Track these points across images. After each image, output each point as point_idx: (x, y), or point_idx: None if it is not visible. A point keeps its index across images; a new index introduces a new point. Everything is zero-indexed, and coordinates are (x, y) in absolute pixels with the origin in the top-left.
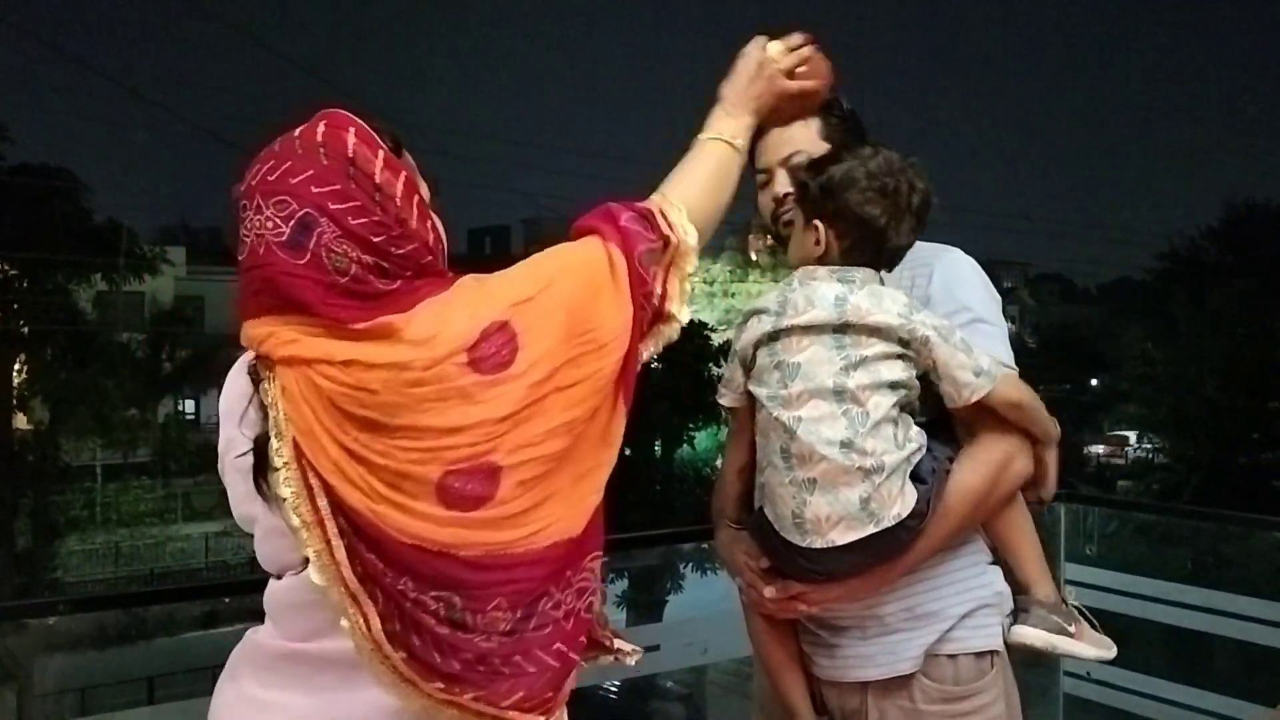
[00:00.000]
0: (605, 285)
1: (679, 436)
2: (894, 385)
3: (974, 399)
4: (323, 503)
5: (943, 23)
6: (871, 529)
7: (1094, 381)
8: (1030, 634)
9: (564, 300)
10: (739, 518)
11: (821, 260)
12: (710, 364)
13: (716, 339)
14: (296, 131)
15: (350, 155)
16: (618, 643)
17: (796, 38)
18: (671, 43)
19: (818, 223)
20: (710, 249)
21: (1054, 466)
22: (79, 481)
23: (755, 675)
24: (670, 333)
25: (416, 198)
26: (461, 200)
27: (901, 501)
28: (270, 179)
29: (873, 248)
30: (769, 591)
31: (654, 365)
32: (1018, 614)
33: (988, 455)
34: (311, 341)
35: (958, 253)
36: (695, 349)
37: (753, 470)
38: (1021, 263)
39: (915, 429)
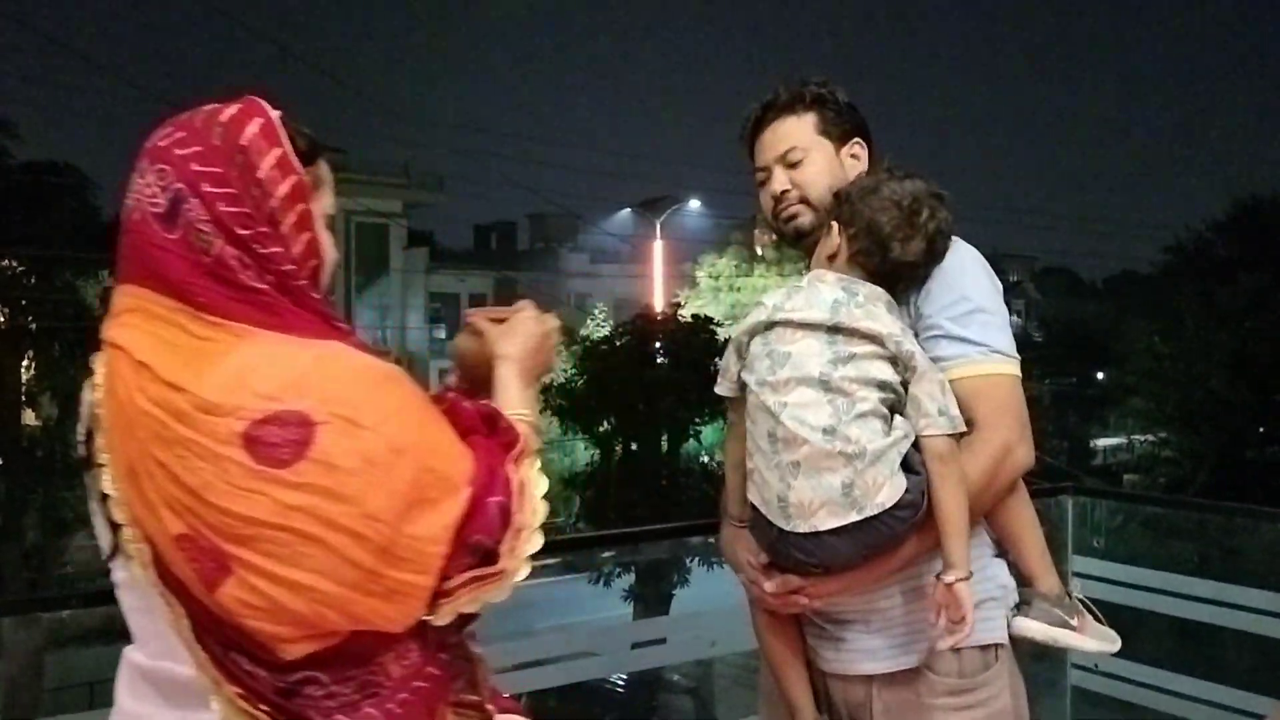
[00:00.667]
0: (444, 509)
1: (685, 430)
2: (881, 384)
3: (926, 433)
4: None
5: (950, 16)
6: (855, 516)
7: (1100, 375)
8: (1032, 626)
9: (387, 463)
10: (740, 514)
11: (832, 262)
12: (716, 359)
13: (723, 334)
14: (210, 107)
15: (243, 143)
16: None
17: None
18: (677, 40)
19: (834, 224)
20: (715, 244)
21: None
22: None
23: (760, 669)
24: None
25: (301, 206)
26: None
27: (887, 490)
28: (161, 145)
29: (876, 256)
30: (769, 586)
31: (659, 360)
32: (1020, 606)
33: (985, 446)
34: (135, 330)
35: (959, 242)
36: (701, 343)
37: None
38: (1027, 256)
39: (902, 420)
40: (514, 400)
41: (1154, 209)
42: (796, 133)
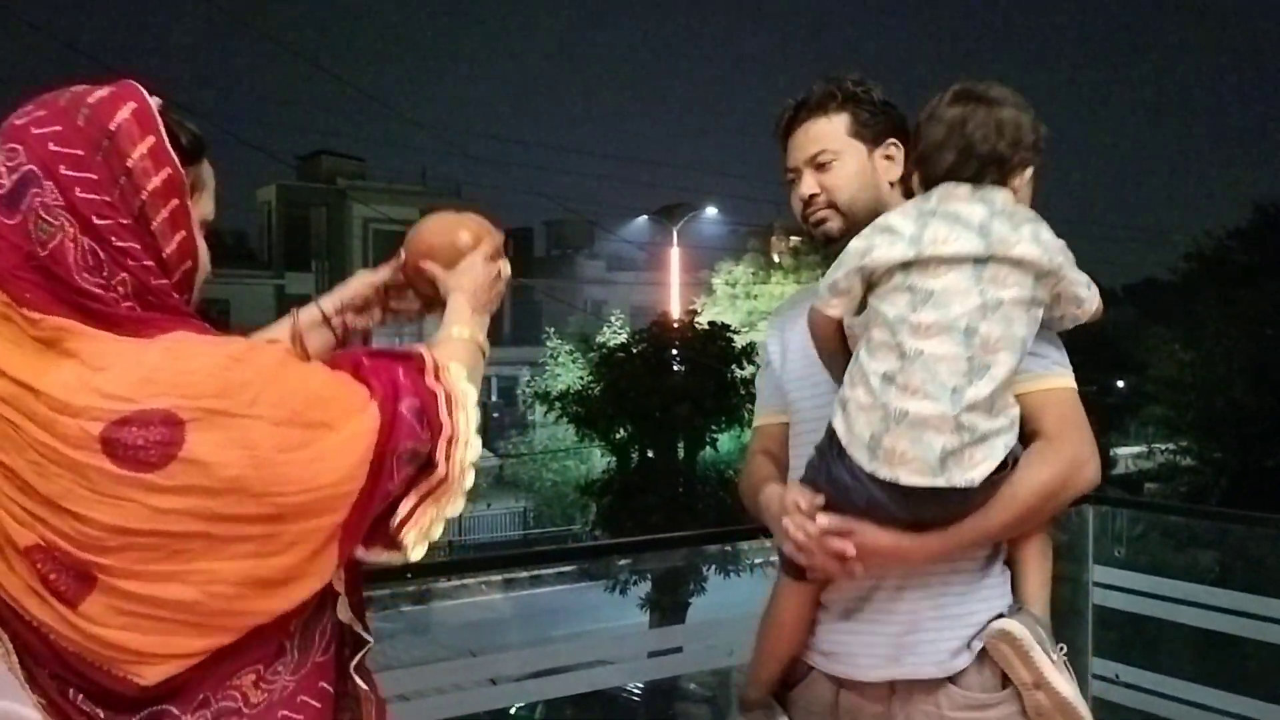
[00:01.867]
0: (327, 452)
1: (701, 438)
2: (1021, 343)
3: (1091, 309)
4: None
5: (970, 19)
6: (939, 482)
7: (1120, 383)
8: (1014, 626)
9: (266, 441)
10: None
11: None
12: (733, 366)
13: (740, 341)
14: (79, 87)
15: (112, 128)
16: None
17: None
18: (695, 48)
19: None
20: (732, 251)
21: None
22: None
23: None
24: (391, 559)
25: (175, 202)
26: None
27: (980, 469)
28: (18, 123)
29: (919, 159)
30: (822, 519)
31: (676, 367)
32: (1009, 611)
33: (1056, 455)
34: None
35: None
36: (718, 351)
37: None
38: None
39: (1015, 407)
40: (464, 319)
41: (1175, 215)
42: (827, 135)
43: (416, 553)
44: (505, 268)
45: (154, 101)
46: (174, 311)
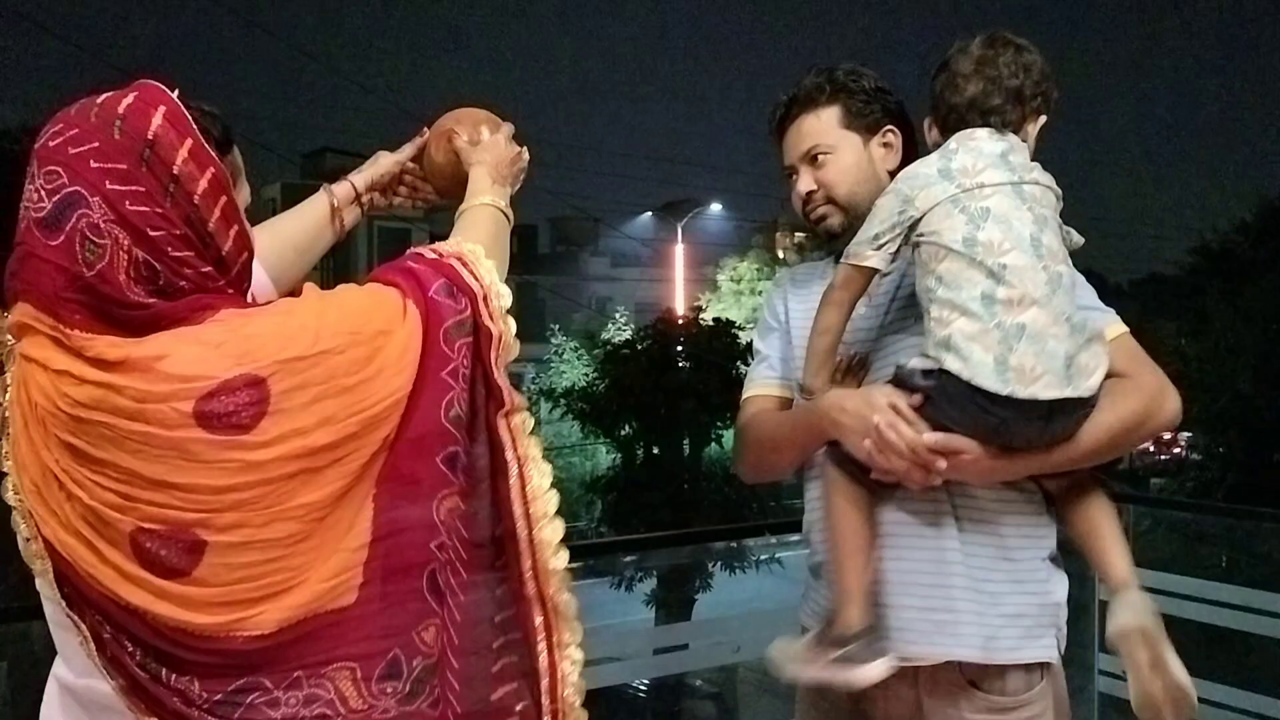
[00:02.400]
0: (390, 359)
1: (706, 435)
2: (1068, 257)
3: (1076, 242)
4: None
5: (974, 14)
6: (1070, 392)
7: None
8: (1147, 619)
9: (340, 369)
10: (819, 386)
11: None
12: (738, 362)
13: (744, 337)
14: (100, 98)
15: (150, 136)
16: None
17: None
18: (699, 43)
19: (927, 120)
20: (737, 247)
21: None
22: None
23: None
24: (521, 423)
25: (224, 199)
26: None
27: (1096, 376)
28: (51, 145)
29: (944, 111)
30: (930, 437)
31: (681, 364)
32: (1117, 605)
33: (1138, 387)
34: (43, 346)
35: None
36: (723, 347)
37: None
38: None
39: (1091, 317)
40: (485, 189)
41: (1180, 210)
42: (819, 129)
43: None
44: (525, 153)
45: (176, 99)
46: (217, 293)
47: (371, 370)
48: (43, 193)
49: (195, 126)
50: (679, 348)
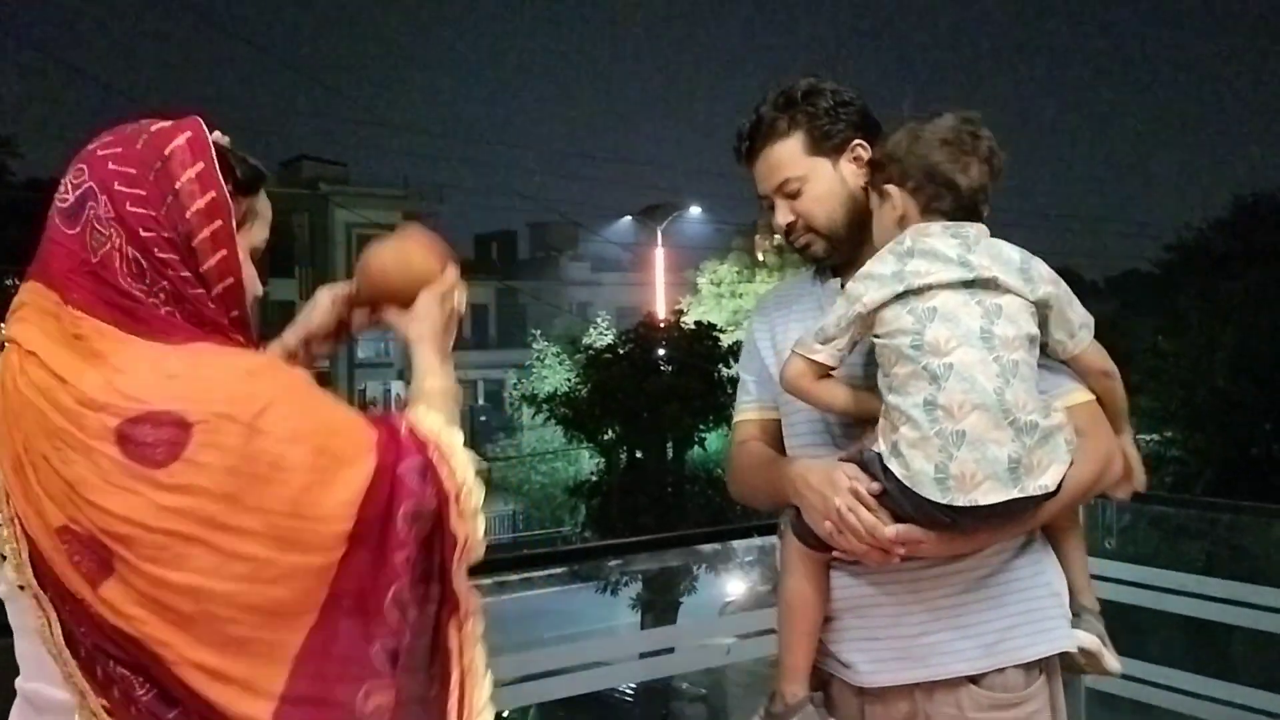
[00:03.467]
0: (335, 489)
1: (689, 438)
2: (1031, 340)
3: (1084, 345)
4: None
5: (951, 15)
6: (1014, 493)
7: None
8: (1085, 638)
9: (268, 457)
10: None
11: (902, 225)
12: (720, 365)
13: (726, 340)
14: (146, 120)
15: (166, 152)
16: None
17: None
18: (677, 46)
19: (890, 188)
20: (717, 250)
21: (1134, 453)
22: None
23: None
24: (471, 630)
25: (219, 224)
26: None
27: (1051, 473)
28: (89, 148)
29: (948, 197)
30: (890, 530)
31: (664, 367)
32: (1073, 618)
33: (1098, 449)
34: (26, 324)
35: None
36: (705, 350)
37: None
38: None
39: (1058, 406)
40: (434, 368)
41: (1155, 207)
42: (787, 161)
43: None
44: (461, 299)
45: (212, 134)
46: (209, 324)
47: (297, 479)
48: (68, 186)
49: (215, 156)
50: (661, 351)
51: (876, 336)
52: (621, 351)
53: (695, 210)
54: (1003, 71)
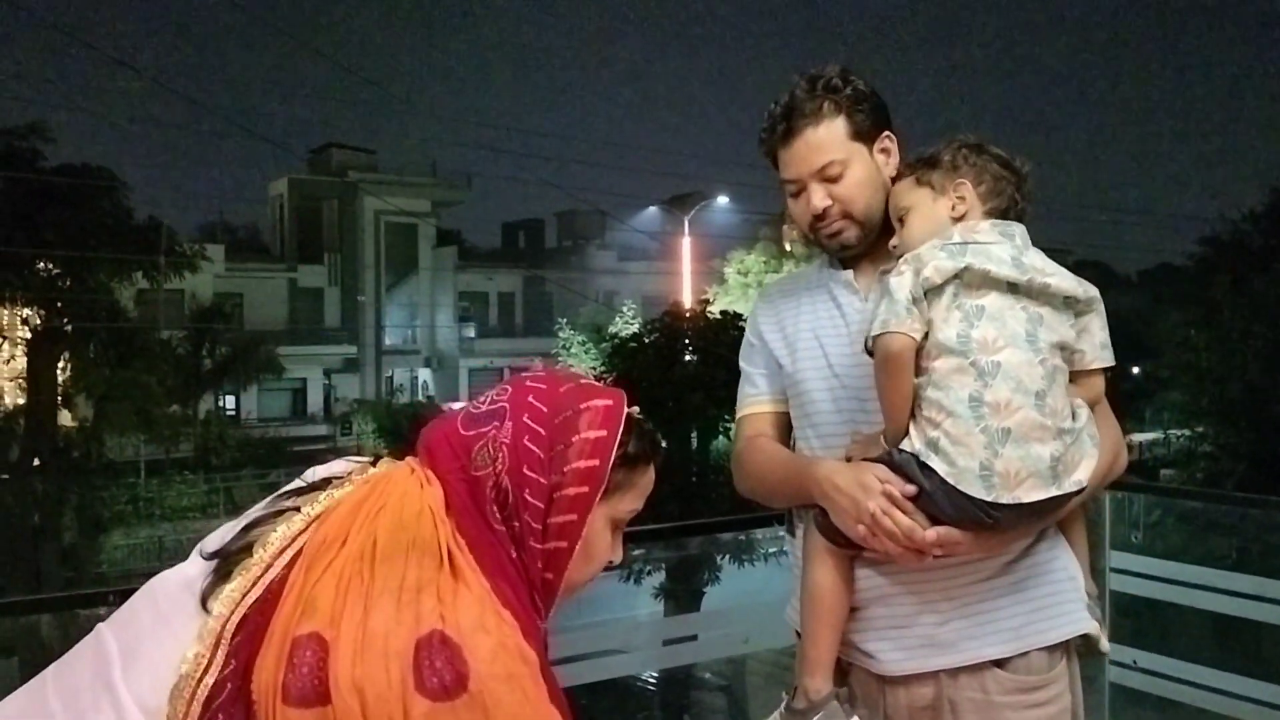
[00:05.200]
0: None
1: (714, 427)
2: (1064, 347)
3: (1106, 363)
4: None
5: (982, 8)
6: (1054, 491)
7: (1135, 369)
8: (1091, 625)
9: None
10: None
11: (960, 221)
12: None
13: None
14: (584, 387)
15: (581, 407)
16: None
17: None
18: (706, 35)
19: (964, 183)
20: (744, 240)
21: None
22: (122, 477)
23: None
24: None
25: (585, 489)
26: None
27: (1084, 468)
28: (524, 377)
29: (1009, 200)
30: (930, 534)
31: (688, 357)
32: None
33: (1108, 438)
34: (401, 480)
35: None
36: (731, 340)
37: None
38: (1061, 249)
39: (1083, 405)
40: None
41: (1189, 200)
42: (830, 144)
43: None
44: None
45: (631, 412)
46: (523, 578)
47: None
48: (489, 398)
49: (622, 432)
50: (686, 341)
51: (918, 307)
52: (647, 340)
53: (723, 200)
54: (1034, 62)
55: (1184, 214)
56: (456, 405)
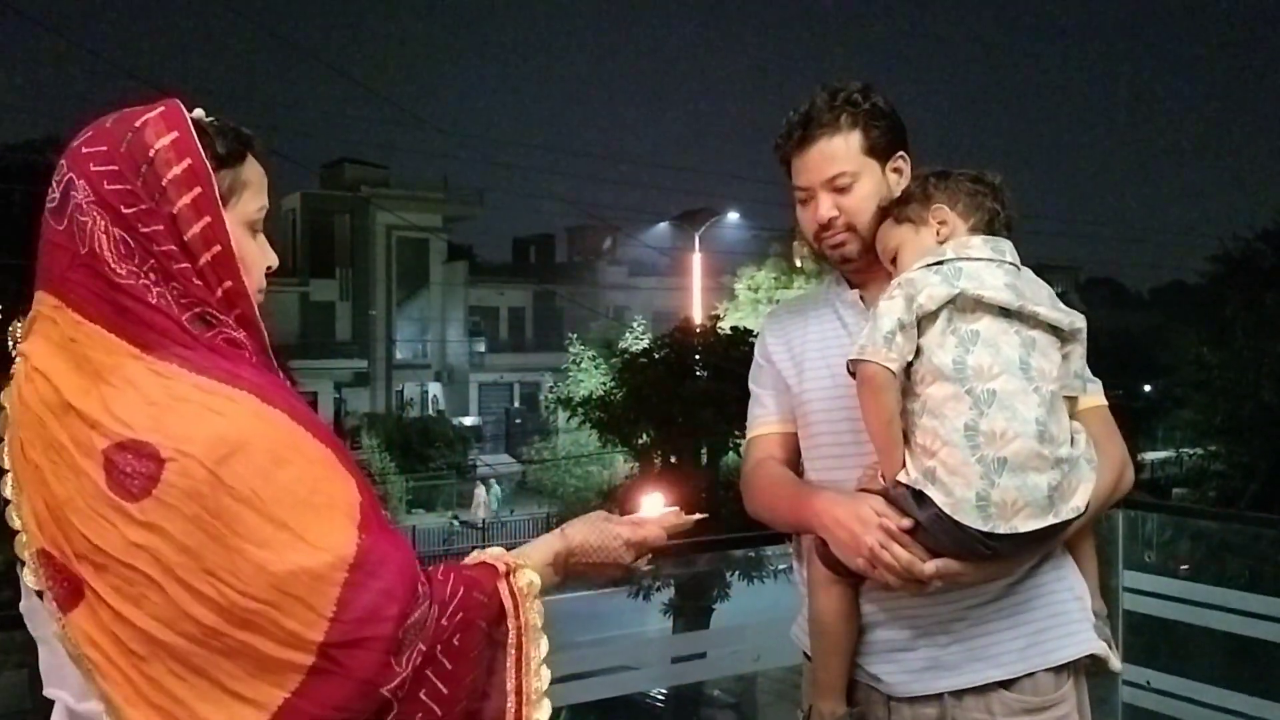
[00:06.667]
0: (310, 574)
1: (724, 444)
2: (1058, 376)
3: (1075, 393)
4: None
5: (993, 23)
6: (1051, 520)
7: (1147, 387)
8: (1098, 645)
9: (241, 522)
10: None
11: (944, 244)
12: None
13: None
14: (127, 111)
15: (137, 124)
16: None
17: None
18: (717, 54)
19: (940, 208)
20: (754, 256)
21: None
22: None
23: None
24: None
25: (199, 190)
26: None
27: (1080, 494)
28: (73, 145)
29: (989, 215)
30: (929, 567)
31: (698, 372)
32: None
33: (1109, 460)
34: (38, 335)
35: None
36: (741, 356)
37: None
38: (1072, 267)
39: (1081, 429)
40: (533, 558)
41: (1201, 217)
42: (844, 155)
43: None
44: (638, 563)
45: (188, 109)
46: (199, 303)
47: (260, 557)
48: (54, 185)
49: (191, 125)
50: (696, 356)
51: (907, 335)
52: (657, 356)
53: (733, 216)
54: (1046, 79)
55: (1196, 231)
56: (467, 420)
